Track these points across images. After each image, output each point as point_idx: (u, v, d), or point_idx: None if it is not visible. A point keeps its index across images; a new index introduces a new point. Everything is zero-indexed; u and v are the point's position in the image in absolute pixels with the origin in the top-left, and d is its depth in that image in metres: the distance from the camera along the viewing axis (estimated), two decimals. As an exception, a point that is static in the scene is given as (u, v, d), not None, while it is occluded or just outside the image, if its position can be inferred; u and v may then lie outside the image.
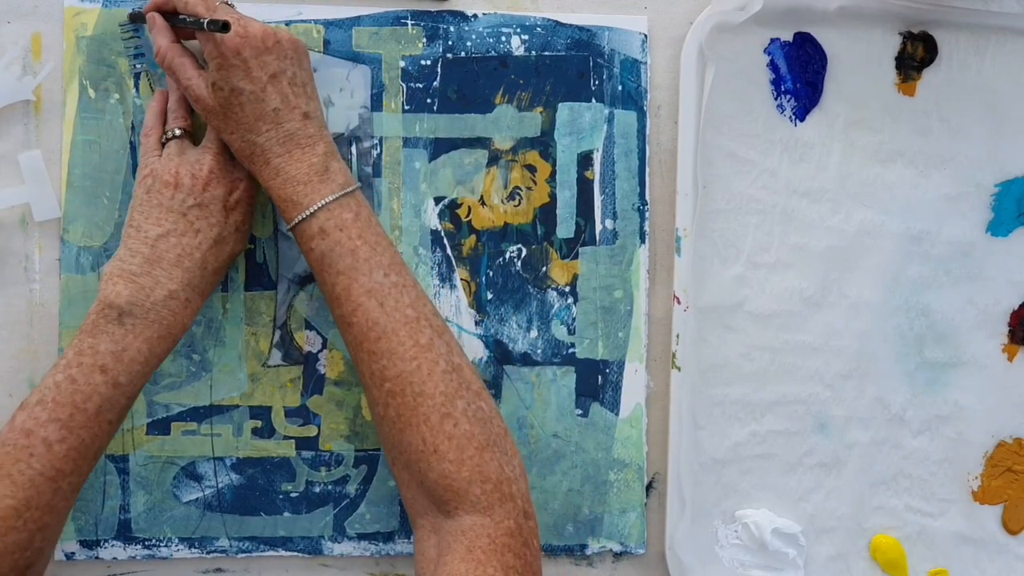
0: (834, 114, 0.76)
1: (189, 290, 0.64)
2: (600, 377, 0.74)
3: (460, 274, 0.73)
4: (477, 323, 0.73)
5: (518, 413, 0.74)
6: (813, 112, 0.76)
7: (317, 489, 0.72)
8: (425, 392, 0.62)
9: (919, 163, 0.77)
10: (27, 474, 0.60)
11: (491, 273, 0.74)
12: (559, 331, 0.74)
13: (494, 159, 0.73)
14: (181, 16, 0.65)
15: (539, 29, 0.73)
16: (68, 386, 0.61)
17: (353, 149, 0.72)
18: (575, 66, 0.73)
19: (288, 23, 0.72)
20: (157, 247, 0.64)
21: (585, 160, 0.74)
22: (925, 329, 0.77)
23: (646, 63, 0.74)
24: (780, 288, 0.76)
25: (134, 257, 0.63)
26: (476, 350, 0.73)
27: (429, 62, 0.73)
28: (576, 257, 0.74)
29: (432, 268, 0.73)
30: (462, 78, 0.73)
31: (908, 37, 0.76)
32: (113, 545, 0.71)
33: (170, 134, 0.67)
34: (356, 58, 0.72)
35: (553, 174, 0.74)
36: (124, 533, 0.71)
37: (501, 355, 0.73)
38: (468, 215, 0.73)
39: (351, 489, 0.73)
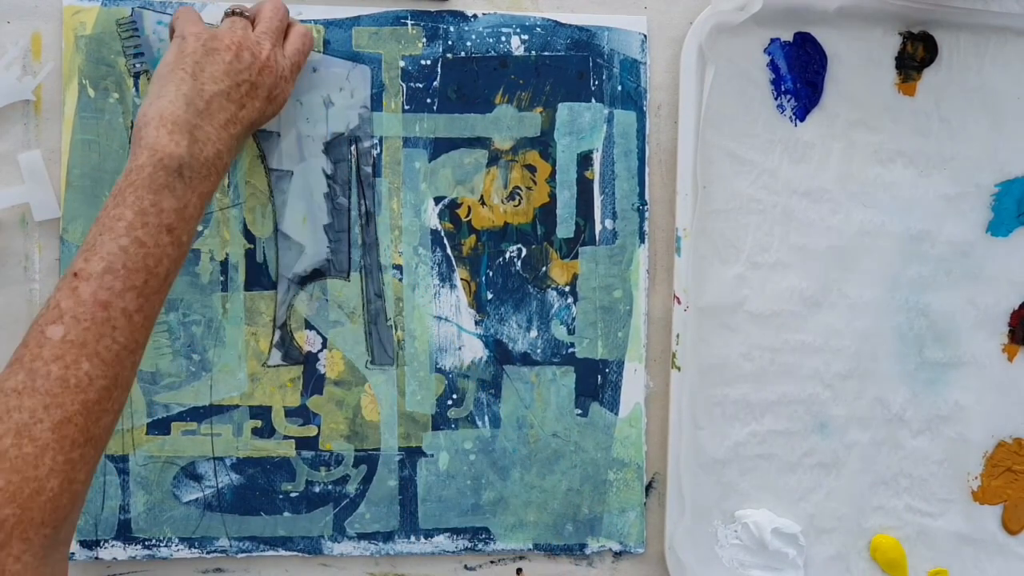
0: (834, 114, 0.76)
1: (227, 156, 0.61)
2: (599, 377, 0.74)
3: (460, 274, 0.73)
4: (477, 323, 0.73)
5: (518, 412, 0.74)
6: (813, 112, 0.76)
7: (317, 489, 0.72)
8: None
9: (919, 163, 0.77)
10: (113, 349, 0.54)
11: (491, 273, 0.74)
12: (559, 331, 0.74)
13: (494, 159, 0.73)
14: None
15: (539, 29, 0.73)
16: (137, 250, 0.55)
17: (353, 149, 0.72)
18: (575, 66, 0.73)
19: (288, 23, 0.72)
20: (212, 105, 0.60)
21: (585, 160, 0.74)
22: (925, 329, 0.77)
23: (646, 63, 0.74)
24: (780, 288, 0.75)
25: (188, 107, 0.59)
26: (476, 350, 0.73)
27: (429, 62, 0.73)
28: (576, 257, 0.74)
29: (432, 268, 0.73)
30: (462, 78, 0.73)
31: (908, 37, 0.76)
32: (113, 545, 0.71)
33: (239, 10, 0.66)
34: (356, 58, 0.72)
35: (553, 174, 0.74)
36: (124, 533, 0.71)
37: (501, 355, 0.73)
38: (468, 215, 0.73)
39: (351, 489, 0.73)
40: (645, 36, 0.74)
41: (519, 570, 0.75)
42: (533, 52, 0.73)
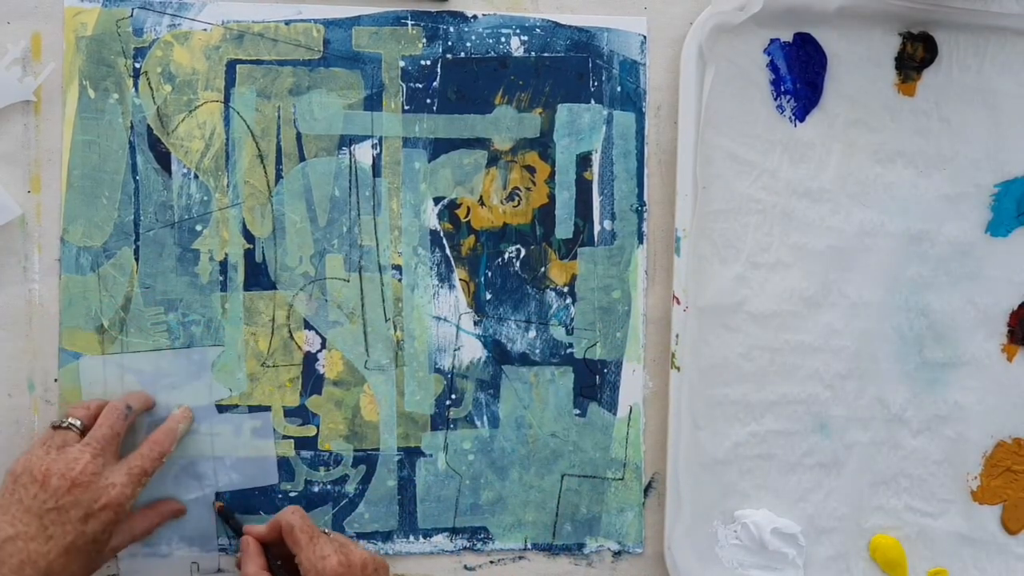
0: (834, 114, 0.76)
1: None
2: (598, 377, 0.74)
3: (459, 274, 0.73)
4: (476, 323, 0.73)
5: (516, 413, 0.74)
6: (813, 112, 0.76)
7: (316, 488, 0.73)
8: None
9: (919, 163, 0.77)
10: None
11: (490, 273, 0.74)
12: (557, 331, 0.74)
13: (493, 160, 0.73)
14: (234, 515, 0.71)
15: (538, 30, 0.73)
16: None
17: (352, 149, 0.72)
18: (574, 67, 0.73)
19: (287, 23, 0.72)
20: (4, 549, 0.59)
21: (584, 161, 0.74)
22: (925, 329, 0.77)
23: (645, 64, 0.74)
24: (780, 288, 0.75)
25: None
26: (475, 350, 0.73)
27: (429, 62, 0.73)
28: (574, 258, 0.74)
29: (431, 268, 0.73)
30: (462, 78, 0.73)
31: (908, 37, 0.76)
32: (113, 544, 0.71)
33: (66, 423, 0.65)
34: (356, 58, 0.72)
35: (552, 175, 0.74)
36: (124, 532, 0.71)
37: (499, 355, 0.74)
38: (467, 215, 0.73)
39: (350, 489, 0.73)
40: (645, 37, 0.74)
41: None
42: (533, 53, 0.73)
